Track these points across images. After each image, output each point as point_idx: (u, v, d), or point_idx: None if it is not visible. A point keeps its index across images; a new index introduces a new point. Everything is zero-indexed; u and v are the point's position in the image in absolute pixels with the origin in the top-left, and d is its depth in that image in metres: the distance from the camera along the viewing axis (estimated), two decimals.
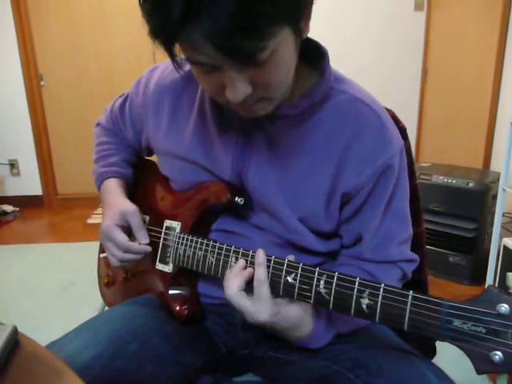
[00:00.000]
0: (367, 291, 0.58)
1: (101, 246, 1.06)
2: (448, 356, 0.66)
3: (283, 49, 0.57)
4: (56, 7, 3.29)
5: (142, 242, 0.83)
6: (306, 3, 0.57)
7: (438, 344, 0.87)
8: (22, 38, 3.28)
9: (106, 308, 1.02)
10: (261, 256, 0.67)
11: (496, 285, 1.68)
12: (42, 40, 3.36)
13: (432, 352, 0.92)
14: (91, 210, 3.39)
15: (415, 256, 0.80)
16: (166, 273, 0.83)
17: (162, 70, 0.87)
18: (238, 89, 0.58)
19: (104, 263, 1.03)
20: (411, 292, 0.54)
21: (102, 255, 1.00)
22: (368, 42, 3.29)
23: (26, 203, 3.49)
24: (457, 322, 0.50)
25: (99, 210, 3.39)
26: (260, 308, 0.65)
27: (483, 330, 0.49)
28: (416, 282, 0.87)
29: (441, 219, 2.19)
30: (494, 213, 2.17)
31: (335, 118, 0.72)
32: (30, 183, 3.53)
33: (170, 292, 0.82)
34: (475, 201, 2.11)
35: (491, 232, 2.20)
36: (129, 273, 0.94)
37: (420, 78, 3.33)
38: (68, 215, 3.39)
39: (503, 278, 1.64)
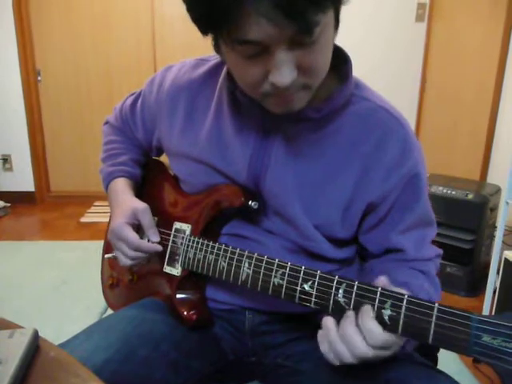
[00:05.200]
0: (389, 302, 0.56)
1: (105, 246, 1.04)
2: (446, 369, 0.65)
3: (327, 31, 0.58)
4: (57, 3, 3.24)
5: (153, 240, 0.81)
6: None
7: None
8: (21, 32, 3.22)
9: (109, 310, 0.99)
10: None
11: (496, 297, 1.67)
12: (41, 35, 3.31)
13: (434, 364, 0.91)
14: (84, 208, 3.34)
15: (440, 250, 0.82)
16: (173, 276, 0.81)
17: (177, 70, 0.85)
18: (286, 72, 0.57)
19: (108, 264, 1.01)
20: (437, 304, 0.52)
21: (106, 256, 0.97)
22: (368, 52, 3.28)
23: (17, 199, 3.43)
24: (486, 337, 0.49)
25: (93, 209, 3.35)
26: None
27: None
28: None
29: (438, 230, 2.17)
30: (491, 225, 2.18)
31: (357, 126, 0.72)
32: (22, 179, 3.46)
33: (178, 296, 0.80)
34: (474, 212, 2.11)
35: (488, 244, 2.21)
36: (135, 275, 0.92)
37: (419, 89, 3.34)
38: (60, 213, 3.34)
39: (503, 290, 1.64)
